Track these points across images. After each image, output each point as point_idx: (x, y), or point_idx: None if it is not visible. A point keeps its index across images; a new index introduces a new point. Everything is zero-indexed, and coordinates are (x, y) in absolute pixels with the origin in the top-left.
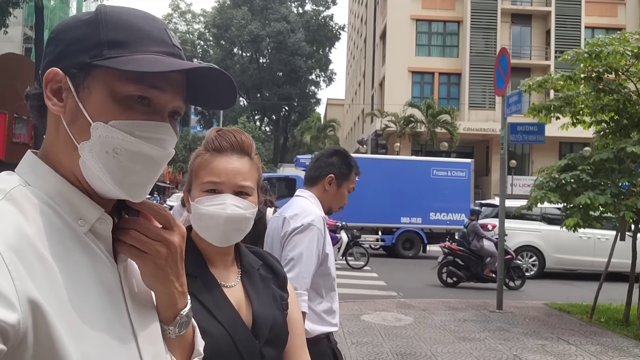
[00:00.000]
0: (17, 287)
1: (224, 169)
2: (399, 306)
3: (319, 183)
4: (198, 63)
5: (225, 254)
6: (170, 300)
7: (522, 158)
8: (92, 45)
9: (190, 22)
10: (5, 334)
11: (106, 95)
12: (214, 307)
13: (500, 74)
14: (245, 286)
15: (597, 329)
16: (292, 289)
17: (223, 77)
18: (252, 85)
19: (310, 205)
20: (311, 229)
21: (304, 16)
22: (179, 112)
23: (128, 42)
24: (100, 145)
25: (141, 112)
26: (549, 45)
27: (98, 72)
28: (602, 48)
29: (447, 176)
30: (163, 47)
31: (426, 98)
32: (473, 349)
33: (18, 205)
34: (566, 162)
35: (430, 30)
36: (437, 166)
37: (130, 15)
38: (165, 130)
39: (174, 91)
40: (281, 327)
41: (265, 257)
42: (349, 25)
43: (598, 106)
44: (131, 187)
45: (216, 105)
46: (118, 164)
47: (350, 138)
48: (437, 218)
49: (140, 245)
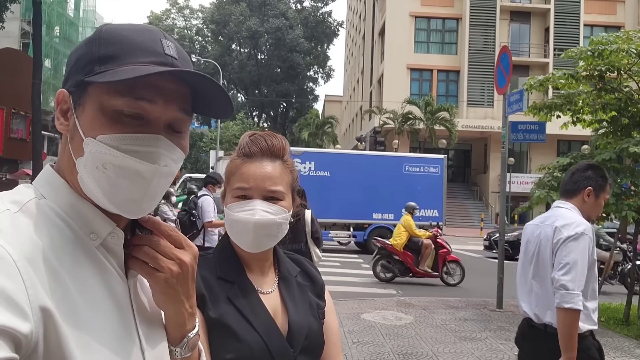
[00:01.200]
0: (30, 297)
1: (253, 175)
2: (399, 305)
3: (577, 195)
4: (184, 69)
5: (262, 259)
6: (179, 320)
7: (520, 156)
8: (86, 63)
9: (188, 18)
10: (18, 343)
11: (96, 110)
12: (250, 313)
13: (502, 73)
14: (282, 293)
15: (597, 328)
16: (330, 298)
17: (215, 84)
18: (250, 82)
19: (578, 216)
20: (584, 237)
21: (303, 12)
22: (179, 123)
23: (118, 56)
24: (91, 160)
25: (131, 125)
26: (547, 42)
27: (90, 88)
28: (605, 46)
29: (419, 172)
30: (153, 57)
31: (425, 95)
32: (474, 349)
33: (32, 217)
34: (569, 160)
35: (429, 27)
36: (409, 162)
37: (125, 30)
38: (157, 143)
39: (167, 102)
40: (317, 336)
41: (303, 264)
42: (347, 22)
43: (599, 105)
44: (122, 203)
45: (217, 114)
46: (107, 179)
47: (349, 135)
48: None
49: (152, 262)
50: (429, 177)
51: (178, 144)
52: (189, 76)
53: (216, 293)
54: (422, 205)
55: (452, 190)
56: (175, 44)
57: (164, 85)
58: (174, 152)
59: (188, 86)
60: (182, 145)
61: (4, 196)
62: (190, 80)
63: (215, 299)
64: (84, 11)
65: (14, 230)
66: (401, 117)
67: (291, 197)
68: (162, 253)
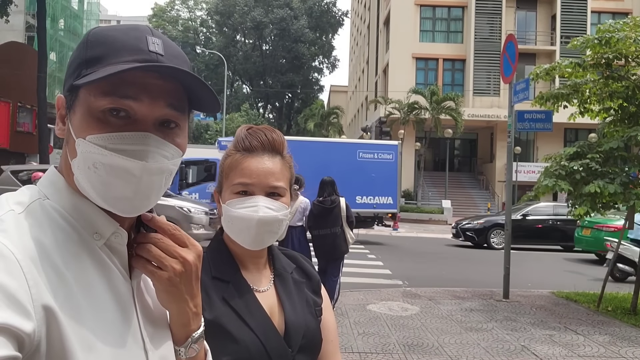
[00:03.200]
0: (33, 295)
1: (255, 170)
2: (405, 295)
3: None
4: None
5: (258, 257)
6: (183, 320)
7: (526, 144)
8: (76, 67)
9: (192, 9)
10: (21, 342)
11: (85, 112)
12: (246, 312)
13: (508, 61)
14: (278, 290)
15: (604, 318)
16: (326, 295)
17: (196, 79)
18: (255, 73)
19: None
20: None
21: (307, 2)
22: (171, 120)
23: (102, 57)
24: (83, 161)
25: (118, 124)
26: (554, 30)
27: (80, 91)
28: (612, 34)
29: (373, 159)
30: (136, 55)
31: (430, 84)
32: (480, 340)
33: (36, 218)
34: (575, 149)
35: (434, 16)
36: (363, 148)
37: (112, 30)
38: (145, 141)
39: (153, 99)
40: (314, 334)
41: (298, 261)
42: (352, 11)
43: (606, 93)
44: (116, 201)
45: (207, 109)
46: (99, 179)
47: (354, 125)
48: (363, 202)
49: (156, 260)
50: (383, 164)
51: (172, 141)
52: (166, 70)
53: (211, 293)
54: (376, 193)
55: (459, 179)
56: (165, 40)
57: (149, 82)
58: (166, 148)
59: (177, 82)
60: (176, 142)
61: (9, 197)
62: (174, 75)
63: (210, 299)
64: (88, 3)
65: (18, 230)
66: (407, 106)
67: (289, 193)
68: (166, 251)
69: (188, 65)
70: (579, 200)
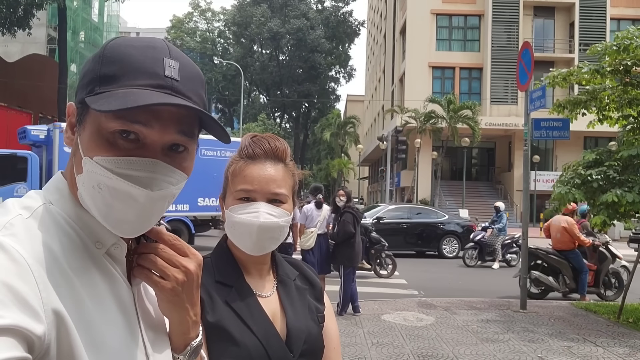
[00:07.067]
0: (43, 299)
1: (257, 177)
2: (420, 305)
3: None
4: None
5: (261, 262)
6: (182, 328)
7: (545, 153)
8: (89, 81)
9: (210, 21)
10: (31, 344)
11: (94, 131)
12: (248, 317)
13: (523, 69)
14: (281, 297)
15: (625, 329)
16: (329, 302)
17: (206, 115)
18: (272, 83)
19: None
20: None
21: (323, 12)
22: (180, 144)
23: (117, 76)
24: (88, 179)
25: (126, 148)
26: (572, 37)
27: (91, 108)
28: (630, 41)
29: (216, 156)
30: (152, 80)
31: (447, 93)
32: (497, 351)
33: (43, 223)
34: (594, 156)
35: (450, 25)
36: (205, 145)
37: (129, 47)
38: (153, 168)
39: (164, 126)
40: (316, 340)
41: (301, 268)
42: (368, 21)
43: (625, 100)
44: (116, 223)
45: (217, 135)
46: (102, 199)
47: (370, 135)
48: (205, 204)
49: (159, 270)
50: (226, 162)
51: (179, 165)
52: (177, 106)
53: (214, 297)
54: (218, 194)
55: (476, 188)
56: (182, 59)
57: (161, 108)
58: (172, 175)
59: (189, 110)
60: (182, 167)
61: (15, 202)
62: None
63: (213, 303)
64: (108, 16)
65: (28, 234)
66: (423, 116)
67: (292, 200)
68: (168, 261)
69: (203, 85)
70: (595, 209)
